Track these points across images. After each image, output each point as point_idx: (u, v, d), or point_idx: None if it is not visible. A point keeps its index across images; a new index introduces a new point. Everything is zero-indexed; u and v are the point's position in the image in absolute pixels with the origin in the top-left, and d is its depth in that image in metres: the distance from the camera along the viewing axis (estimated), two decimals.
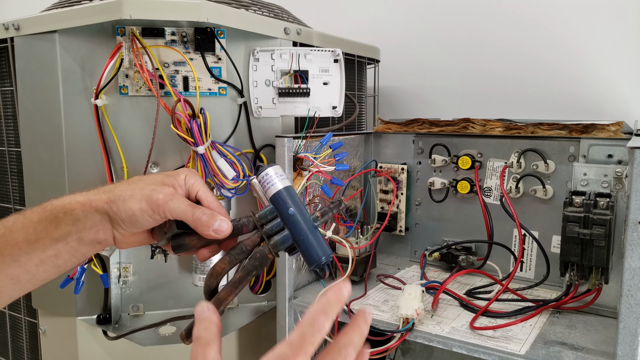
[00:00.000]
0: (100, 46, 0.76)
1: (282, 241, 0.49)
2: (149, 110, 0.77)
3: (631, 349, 0.55)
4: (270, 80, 0.82)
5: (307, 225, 0.49)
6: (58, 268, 0.50)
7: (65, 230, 0.48)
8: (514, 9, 1.13)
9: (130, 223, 0.49)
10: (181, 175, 0.53)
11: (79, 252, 0.50)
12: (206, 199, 0.53)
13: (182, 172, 0.54)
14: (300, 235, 0.49)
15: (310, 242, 0.49)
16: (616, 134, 0.72)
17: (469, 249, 0.88)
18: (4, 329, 0.97)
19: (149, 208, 0.49)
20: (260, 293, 0.88)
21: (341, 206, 0.53)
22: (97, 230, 0.49)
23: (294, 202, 0.50)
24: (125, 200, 0.49)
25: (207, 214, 0.49)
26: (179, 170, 0.54)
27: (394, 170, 0.94)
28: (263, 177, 0.50)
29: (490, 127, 0.83)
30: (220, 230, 0.49)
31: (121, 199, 0.49)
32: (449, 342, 0.64)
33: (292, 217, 0.49)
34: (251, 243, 0.50)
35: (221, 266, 0.50)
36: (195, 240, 0.51)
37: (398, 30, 1.28)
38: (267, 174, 0.50)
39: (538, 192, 0.80)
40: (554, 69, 1.10)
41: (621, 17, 1.03)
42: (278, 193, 0.49)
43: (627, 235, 0.54)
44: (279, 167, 0.51)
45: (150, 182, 0.51)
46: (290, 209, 0.49)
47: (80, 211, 0.49)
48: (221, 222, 0.49)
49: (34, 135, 0.81)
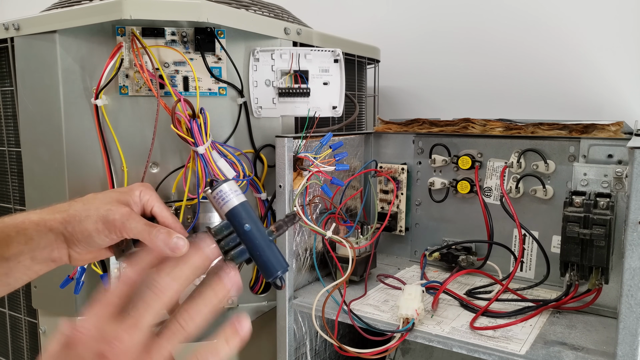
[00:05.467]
0: (100, 46, 0.76)
1: (238, 255, 0.49)
2: (149, 110, 0.77)
3: (631, 349, 0.55)
4: (271, 80, 0.82)
5: (263, 240, 0.49)
6: (8, 286, 0.50)
7: (17, 249, 0.48)
8: (513, 9, 1.13)
9: (87, 243, 0.50)
10: (136, 192, 0.53)
11: (32, 270, 0.50)
12: (161, 214, 0.53)
13: (136, 188, 0.53)
14: (257, 251, 0.49)
15: (267, 256, 0.49)
16: (616, 134, 0.72)
17: (469, 249, 0.88)
18: (4, 329, 0.97)
19: (105, 228, 0.49)
20: (260, 293, 0.88)
21: (295, 220, 0.53)
22: (52, 249, 0.49)
23: (250, 217, 0.49)
24: (81, 221, 0.49)
25: (164, 233, 0.49)
26: (133, 186, 0.54)
27: (394, 170, 0.94)
28: (218, 194, 0.49)
29: (490, 127, 0.83)
30: (177, 248, 0.48)
31: (76, 219, 0.49)
32: (449, 342, 0.64)
33: (248, 233, 0.49)
34: None
35: None
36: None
37: (398, 30, 1.28)
38: (221, 190, 0.49)
39: (538, 192, 0.80)
40: (554, 69, 1.10)
41: (621, 17, 1.03)
42: (234, 209, 0.49)
43: (627, 235, 0.54)
44: (233, 183, 0.50)
45: (105, 202, 0.51)
46: (246, 225, 0.49)
47: (33, 230, 0.49)
48: (178, 240, 0.48)
49: (34, 136, 0.81)
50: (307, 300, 0.77)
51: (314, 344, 0.84)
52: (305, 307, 0.76)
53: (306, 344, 0.83)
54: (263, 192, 0.84)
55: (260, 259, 0.49)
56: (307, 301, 0.77)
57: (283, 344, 0.78)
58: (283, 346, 0.78)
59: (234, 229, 0.49)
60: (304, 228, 0.79)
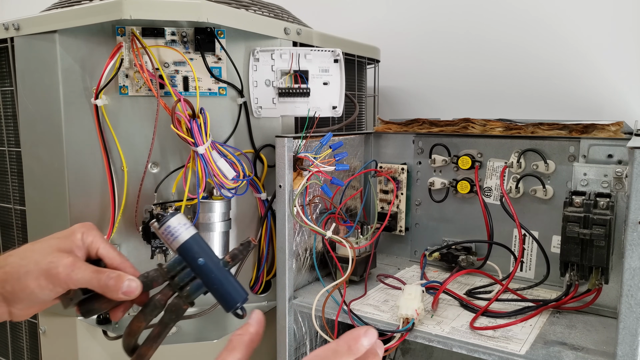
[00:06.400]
0: (100, 46, 0.76)
1: (194, 290, 0.48)
2: (149, 110, 0.77)
3: (631, 349, 0.55)
4: (270, 80, 0.82)
5: (218, 272, 0.48)
6: None
7: None
8: (514, 9, 1.13)
9: (29, 300, 0.46)
10: (77, 235, 0.50)
11: None
12: (108, 255, 0.50)
13: (77, 231, 0.50)
14: (214, 284, 0.47)
15: (225, 288, 0.47)
16: (616, 134, 0.72)
17: (469, 249, 0.88)
18: (4, 329, 0.97)
19: (49, 283, 0.46)
20: (260, 293, 0.88)
21: (250, 247, 0.51)
22: None
23: (203, 250, 0.48)
24: (20, 279, 0.46)
25: (114, 278, 0.46)
26: (74, 228, 0.50)
27: (394, 170, 0.94)
28: (166, 229, 0.47)
29: (490, 127, 0.83)
30: (130, 292, 0.46)
31: (14, 277, 0.46)
32: (449, 342, 0.64)
33: (203, 267, 0.47)
34: (164, 297, 0.49)
35: (137, 324, 0.49)
36: (106, 303, 0.49)
37: (398, 30, 1.28)
38: (169, 225, 0.47)
39: (538, 192, 0.80)
40: (554, 69, 1.10)
41: (621, 17, 1.03)
42: (185, 244, 0.47)
43: (627, 235, 0.54)
44: (181, 216, 0.48)
45: (45, 253, 0.47)
46: (200, 259, 0.47)
47: None
48: (130, 282, 0.46)
49: (34, 136, 0.81)
50: (307, 300, 0.77)
51: (314, 344, 0.84)
52: (305, 307, 0.76)
53: (306, 344, 0.83)
54: (263, 192, 0.84)
55: (217, 292, 0.48)
56: (307, 301, 0.77)
57: (283, 344, 0.78)
58: (283, 346, 0.78)
59: (187, 264, 0.47)
60: (304, 228, 0.79)
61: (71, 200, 0.79)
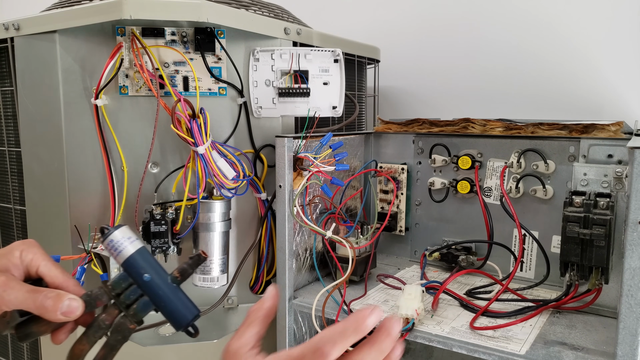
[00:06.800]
0: (100, 46, 0.76)
1: (142, 309, 0.45)
2: (149, 110, 0.77)
3: (631, 349, 0.55)
4: (270, 80, 0.82)
5: (167, 289, 0.45)
6: None
7: None
8: (514, 9, 1.13)
9: None
10: (15, 253, 0.47)
11: None
12: (49, 274, 0.47)
13: (16, 249, 0.47)
14: (162, 301, 0.44)
15: (174, 305, 0.45)
16: (616, 134, 0.72)
17: (469, 249, 0.88)
18: None
19: None
20: (260, 293, 0.88)
21: (200, 261, 0.49)
22: None
23: (149, 265, 0.45)
24: None
25: (52, 297, 0.43)
26: (12, 246, 0.47)
27: (394, 170, 0.94)
28: (109, 243, 0.44)
29: (490, 127, 0.83)
30: (70, 312, 0.43)
31: None
32: (449, 342, 0.64)
33: (149, 283, 0.44)
34: (109, 317, 0.46)
35: (80, 348, 0.45)
36: (45, 326, 0.46)
37: (398, 30, 1.28)
38: (112, 239, 0.44)
39: (538, 192, 0.80)
40: (554, 69, 1.10)
41: (621, 17, 1.03)
42: (129, 259, 0.45)
43: (627, 235, 0.54)
44: (126, 229, 0.46)
45: None
46: (145, 275, 0.44)
47: None
48: (70, 302, 0.43)
49: (34, 136, 0.82)
50: (307, 300, 0.77)
51: None
52: (305, 307, 0.76)
53: None
54: (263, 192, 0.84)
55: (165, 310, 0.45)
56: (307, 301, 0.77)
57: (283, 344, 0.78)
58: (283, 346, 0.78)
59: (133, 280, 0.45)
60: (304, 228, 0.79)
61: (71, 200, 0.79)
